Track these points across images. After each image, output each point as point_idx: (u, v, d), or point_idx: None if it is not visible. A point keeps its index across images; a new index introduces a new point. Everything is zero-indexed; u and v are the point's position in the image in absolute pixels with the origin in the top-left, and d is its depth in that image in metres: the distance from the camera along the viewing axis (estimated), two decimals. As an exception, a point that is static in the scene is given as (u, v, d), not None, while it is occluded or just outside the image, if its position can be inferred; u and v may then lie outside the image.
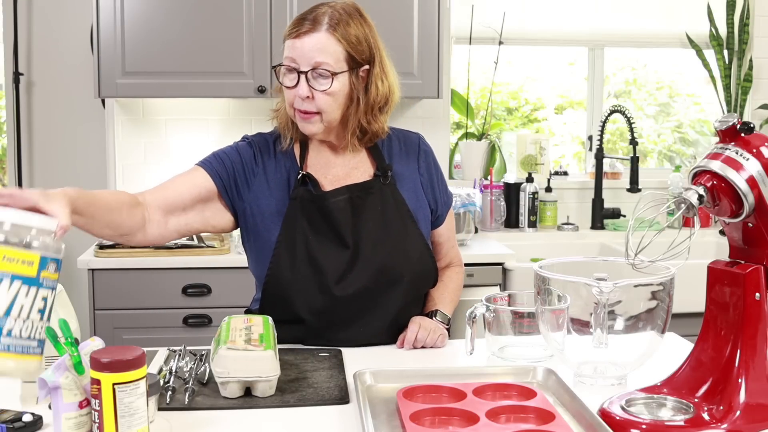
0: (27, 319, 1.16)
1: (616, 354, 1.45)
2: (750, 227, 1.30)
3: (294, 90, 1.63)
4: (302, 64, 1.62)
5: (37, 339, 1.18)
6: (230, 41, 2.98)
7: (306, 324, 1.71)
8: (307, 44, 1.61)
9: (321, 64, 1.61)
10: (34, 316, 1.17)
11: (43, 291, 1.18)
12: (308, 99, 1.62)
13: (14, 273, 1.15)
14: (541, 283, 1.44)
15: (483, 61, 3.60)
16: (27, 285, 1.16)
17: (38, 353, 1.19)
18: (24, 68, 3.34)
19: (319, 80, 1.62)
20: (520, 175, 3.49)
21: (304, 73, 1.61)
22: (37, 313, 1.18)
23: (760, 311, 1.28)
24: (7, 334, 1.14)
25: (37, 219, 1.19)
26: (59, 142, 3.40)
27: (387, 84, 1.70)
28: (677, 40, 3.69)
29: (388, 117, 1.75)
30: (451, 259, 1.93)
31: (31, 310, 1.17)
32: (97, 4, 2.92)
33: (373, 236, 1.71)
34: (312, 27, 1.61)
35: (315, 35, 1.61)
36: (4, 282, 1.14)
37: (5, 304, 1.14)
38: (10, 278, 1.14)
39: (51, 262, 1.19)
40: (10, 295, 1.14)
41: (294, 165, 1.74)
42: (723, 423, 1.24)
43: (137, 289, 2.76)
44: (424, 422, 1.25)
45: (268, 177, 1.73)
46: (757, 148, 1.27)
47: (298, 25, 1.63)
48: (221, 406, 1.36)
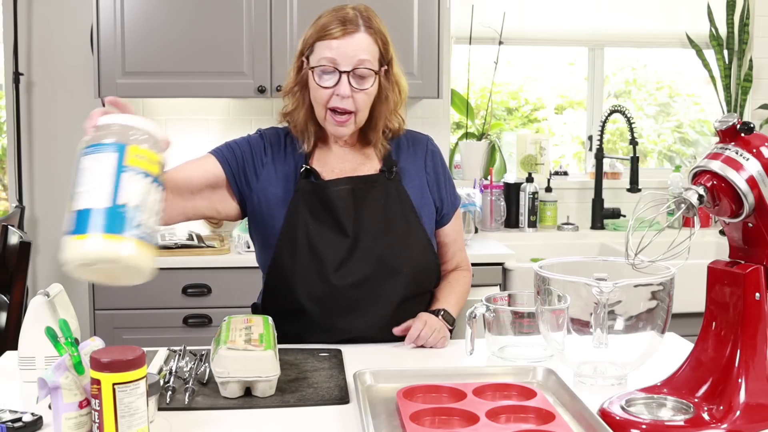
0: (151, 214, 1.25)
1: (616, 354, 1.45)
2: (750, 227, 1.30)
3: (332, 89, 1.66)
4: (343, 64, 1.65)
5: (154, 232, 1.27)
6: (230, 41, 2.98)
7: (307, 313, 1.73)
8: (350, 44, 1.65)
9: (363, 62, 1.66)
10: (156, 209, 1.27)
11: (161, 189, 1.29)
12: (347, 98, 1.66)
13: (145, 170, 1.25)
14: (541, 283, 1.44)
15: (483, 61, 3.60)
16: (156, 183, 1.27)
17: (155, 244, 1.28)
18: (24, 68, 3.34)
19: (359, 80, 1.67)
20: (520, 175, 3.49)
21: (346, 72, 1.65)
22: (158, 204, 1.28)
23: (760, 311, 1.28)
24: (138, 225, 1.22)
25: (157, 127, 1.31)
26: (59, 142, 3.40)
27: (403, 81, 1.77)
28: (677, 40, 3.69)
29: (404, 113, 1.82)
30: (458, 263, 1.93)
31: (155, 205, 1.27)
32: (97, 4, 2.92)
33: (373, 227, 1.73)
34: (354, 28, 1.66)
35: (356, 35, 1.66)
36: (135, 177, 1.23)
37: (137, 197, 1.23)
38: (143, 174, 1.24)
39: (165, 170, 1.32)
40: (140, 190, 1.24)
41: (301, 158, 1.77)
42: (723, 423, 1.24)
43: (137, 289, 2.71)
44: (424, 422, 1.25)
45: (276, 168, 1.76)
46: (757, 148, 1.27)
47: (336, 27, 1.66)
48: (221, 406, 1.36)
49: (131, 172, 1.23)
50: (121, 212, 1.21)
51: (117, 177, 1.23)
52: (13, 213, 3.24)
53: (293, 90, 1.75)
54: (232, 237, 3.10)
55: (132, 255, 1.19)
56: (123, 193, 1.22)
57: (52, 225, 3.44)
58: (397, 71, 1.76)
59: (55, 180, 3.42)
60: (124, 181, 1.23)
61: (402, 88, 1.77)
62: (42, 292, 1.49)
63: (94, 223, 1.19)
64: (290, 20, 2.99)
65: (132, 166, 1.24)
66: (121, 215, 1.21)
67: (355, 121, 1.71)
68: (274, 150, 1.78)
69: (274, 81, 2.99)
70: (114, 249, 1.18)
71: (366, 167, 1.79)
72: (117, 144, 1.24)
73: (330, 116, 1.69)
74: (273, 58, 2.99)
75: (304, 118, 1.75)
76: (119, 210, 1.21)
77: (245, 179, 1.75)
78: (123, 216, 1.21)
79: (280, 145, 1.79)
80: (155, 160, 1.27)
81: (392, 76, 1.74)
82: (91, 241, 1.18)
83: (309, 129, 1.76)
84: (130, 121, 1.28)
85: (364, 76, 1.67)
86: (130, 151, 1.24)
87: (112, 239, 1.19)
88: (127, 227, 1.21)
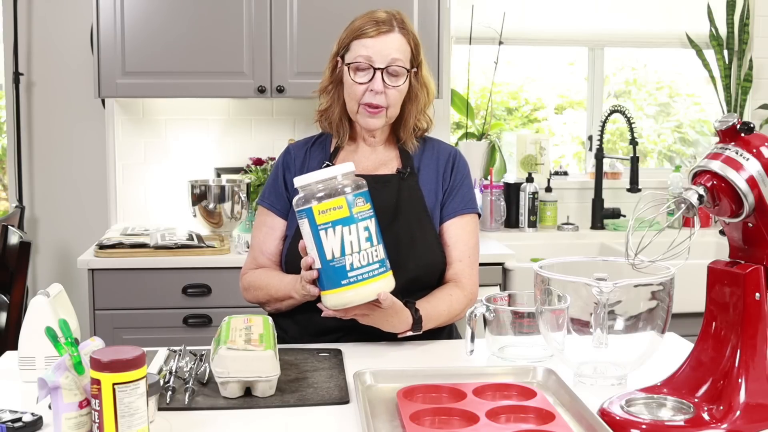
0: (360, 251, 1.46)
1: (616, 354, 1.45)
2: (750, 227, 1.30)
3: (367, 85, 1.76)
4: (378, 61, 1.75)
5: (376, 261, 1.49)
6: (230, 41, 2.98)
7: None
8: (385, 43, 1.75)
9: (397, 61, 1.76)
10: (364, 246, 1.47)
11: (361, 223, 1.47)
12: (380, 94, 1.76)
13: (332, 220, 1.45)
14: (541, 283, 1.44)
15: (483, 61, 3.60)
16: (346, 225, 1.45)
17: (383, 272, 1.50)
18: (24, 68, 3.34)
19: (392, 77, 1.76)
20: (520, 175, 3.49)
21: (380, 69, 1.75)
22: (365, 242, 1.47)
23: (760, 311, 1.28)
24: (350, 269, 1.46)
25: (336, 169, 1.49)
26: (59, 142, 3.40)
27: (431, 83, 1.87)
28: (677, 40, 3.69)
29: (431, 112, 1.91)
30: (458, 275, 1.82)
31: (360, 242, 1.46)
32: (97, 4, 2.91)
33: (382, 223, 1.72)
34: (389, 28, 1.76)
35: (392, 35, 1.76)
36: (329, 231, 1.45)
37: (338, 247, 1.45)
38: (332, 225, 1.45)
39: (358, 198, 1.48)
40: (338, 238, 1.45)
41: (326, 156, 1.88)
42: (723, 423, 1.24)
43: (137, 289, 2.76)
44: (424, 422, 1.25)
45: (304, 170, 1.86)
46: (757, 148, 1.27)
47: (371, 27, 1.76)
48: (221, 406, 1.36)
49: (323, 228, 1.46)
50: (332, 266, 1.46)
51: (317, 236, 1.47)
52: (13, 213, 3.24)
53: (327, 89, 1.85)
54: (232, 237, 3.10)
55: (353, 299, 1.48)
56: (327, 249, 1.46)
57: (52, 225, 3.44)
58: (426, 73, 1.86)
59: (55, 180, 3.42)
60: (322, 239, 1.46)
61: (430, 89, 1.86)
62: (42, 292, 1.49)
63: (321, 281, 1.50)
64: (290, 20, 2.99)
65: (322, 224, 1.46)
66: (333, 269, 1.46)
67: (387, 115, 1.80)
68: (299, 154, 1.90)
69: (274, 81, 2.99)
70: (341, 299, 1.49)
71: (386, 167, 1.87)
72: (304, 210, 1.47)
73: (363, 108, 1.78)
74: (273, 58, 2.99)
75: (338, 114, 1.85)
76: (330, 265, 1.46)
77: (288, 199, 1.86)
78: (334, 269, 1.46)
79: (305, 149, 1.91)
80: (339, 205, 1.46)
81: (421, 77, 1.84)
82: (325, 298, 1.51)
83: (344, 125, 1.86)
84: (302, 182, 1.49)
85: (397, 74, 1.77)
86: (314, 212, 1.46)
87: (334, 292, 1.49)
88: (341, 277, 1.46)
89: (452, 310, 1.77)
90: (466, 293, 1.81)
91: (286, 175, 1.89)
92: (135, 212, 3.38)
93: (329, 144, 1.90)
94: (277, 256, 1.87)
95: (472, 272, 1.84)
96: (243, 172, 3.29)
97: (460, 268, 1.83)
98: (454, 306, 1.78)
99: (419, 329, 1.69)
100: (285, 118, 3.37)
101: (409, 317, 1.66)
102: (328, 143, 1.91)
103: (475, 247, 1.88)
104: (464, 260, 1.84)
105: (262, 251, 1.87)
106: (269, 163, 3.24)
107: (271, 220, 1.88)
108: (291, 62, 3.00)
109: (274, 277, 1.81)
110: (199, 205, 3.11)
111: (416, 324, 1.68)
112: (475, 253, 1.87)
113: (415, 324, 1.67)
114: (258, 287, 1.83)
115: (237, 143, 3.37)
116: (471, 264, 1.85)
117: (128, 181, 3.36)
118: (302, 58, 3.00)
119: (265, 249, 1.87)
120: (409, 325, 1.67)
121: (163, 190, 3.37)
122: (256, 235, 1.90)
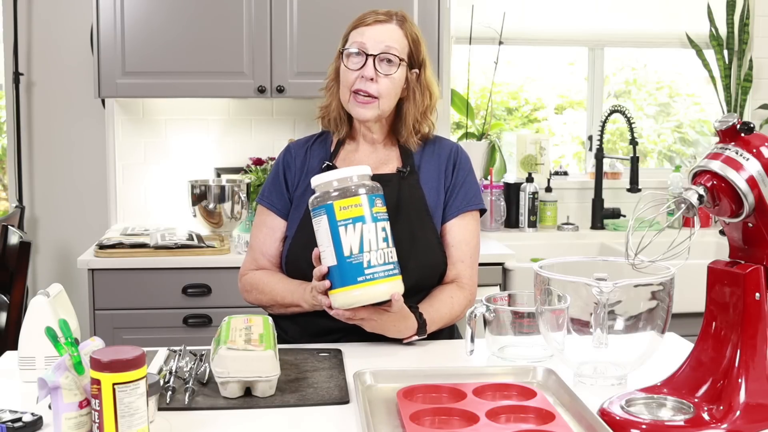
0: (377, 249, 1.49)
1: (616, 354, 1.45)
2: (750, 227, 1.30)
3: (358, 71, 1.76)
4: (371, 48, 1.76)
5: (391, 262, 1.51)
6: (230, 41, 2.98)
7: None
8: (380, 31, 1.77)
9: (390, 49, 1.76)
10: (381, 245, 1.50)
11: (379, 224, 1.50)
12: (371, 81, 1.75)
13: (353, 217, 1.48)
14: (541, 283, 1.44)
15: (483, 61, 3.60)
16: (365, 223, 1.48)
17: (395, 273, 1.52)
18: (24, 68, 3.34)
19: (384, 65, 1.76)
20: (520, 175, 3.49)
21: (373, 56, 1.75)
22: (382, 242, 1.50)
23: (760, 311, 1.28)
24: (367, 266, 1.48)
25: (353, 169, 1.52)
26: (59, 142, 3.40)
27: (435, 88, 1.88)
28: (677, 40, 3.69)
29: (434, 117, 1.91)
30: (459, 274, 1.83)
31: (378, 241, 1.49)
32: (97, 4, 2.92)
33: None
34: (385, 19, 1.79)
35: (387, 25, 1.78)
36: (349, 227, 1.48)
37: (357, 243, 1.48)
38: (352, 222, 1.48)
39: (376, 198, 1.51)
40: (357, 235, 1.48)
41: (327, 155, 1.88)
42: (723, 423, 1.24)
43: (137, 289, 2.76)
44: (424, 422, 1.25)
45: (304, 169, 1.87)
46: (757, 148, 1.27)
47: (369, 17, 1.79)
48: (221, 406, 1.36)
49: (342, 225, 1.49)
50: (349, 262, 1.48)
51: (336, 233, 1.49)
52: (13, 213, 3.24)
53: (329, 85, 1.87)
54: (232, 237, 3.10)
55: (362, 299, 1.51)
56: (345, 245, 1.48)
57: (52, 225, 3.44)
58: (430, 77, 1.86)
59: (55, 180, 3.42)
60: (341, 235, 1.49)
61: (433, 93, 1.87)
62: (42, 292, 1.49)
63: (333, 279, 1.52)
64: (290, 20, 2.99)
65: (341, 220, 1.48)
66: (349, 265, 1.48)
67: (379, 107, 1.78)
68: (300, 153, 1.90)
69: (274, 81, 2.99)
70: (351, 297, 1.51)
71: (386, 167, 1.86)
72: (324, 206, 1.49)
73: (353, 98, 1.77)
74: (273, 58, 2.99)
75: (336, 108, 1.85)
76: (347, 261, 1.48)
77: (290, 198, 1.87)
78: (351, 265, 1.48)
79: (306, 147, 1.91)
80: (360, 203, 1.49)
81: (424, 80, 1.84)
82: (333, 296, 1.53)
83: (342, 119, 1.86)
84: (320, 180, 1.53)
85: (390, 62, 1.76)
86: (335, 207, 1.48)
87: (347, 289, 1.50)
88: (358, 273, 1.48)
89: (453, 312, 1.78)
90: (466, 294, 1.82)
91: (286, 173, 1.89)
92: (135, 212, 3.38)
93: (330, 143, 1.90)
94: (278, 257, 1.87)
95: (472, 273, 1.85)
96: (243, 172, 3.29)
97: (462, 269, 1.83)
98: (456, 308, 1.79)
99: (424, 333, 1.70)
100: (285, 118, 3.37)
101: (414, 322, 1.67)
102: (328, 142, 1.91)
103: (477, 247, 1.88)
104: (466, 261, 1.84)
105: (262, 253, 1.87)
106: (269, 163, 3.24)
107: (271, 220, 1.88)
108: (291, 62, 3.00)
109: (278, 283, 1.81)
110: (199, 205, 3.11)
111: (421, 329, 1.69)
112: (476, 254, 1.88)
113: (419, 329, 1.68)
114: (261, 291, 1.83)
115: (237, 143, 3.38)
116: (472, 264, 1.86)
117: (128, 181, 3.36)
118: (302, 58, 3.00)
119: (265, 250, 1.87)
120: (414, 330, 1.68)
121: (163, 190, 3.37)
122: (256, 235, 1.90)
